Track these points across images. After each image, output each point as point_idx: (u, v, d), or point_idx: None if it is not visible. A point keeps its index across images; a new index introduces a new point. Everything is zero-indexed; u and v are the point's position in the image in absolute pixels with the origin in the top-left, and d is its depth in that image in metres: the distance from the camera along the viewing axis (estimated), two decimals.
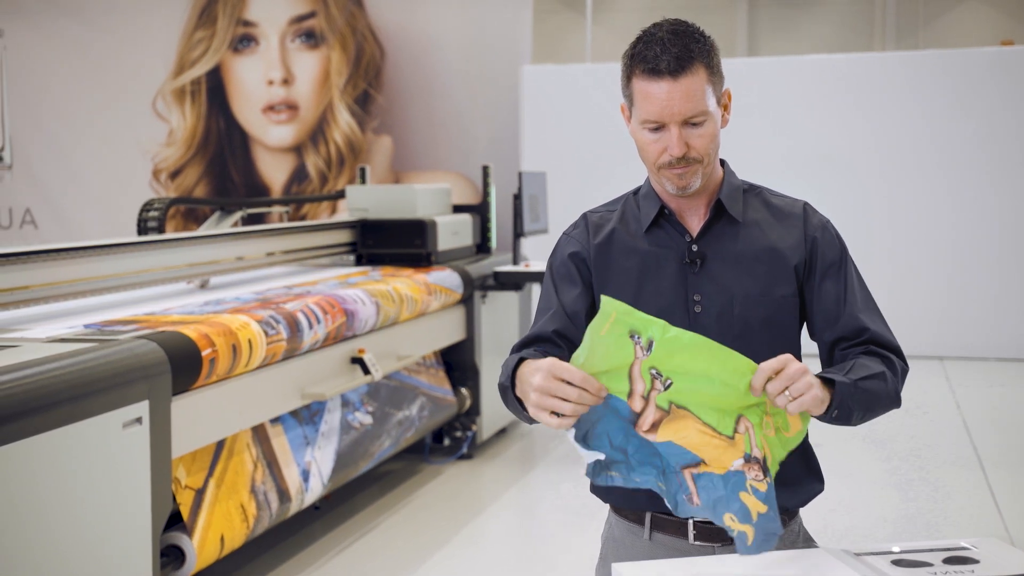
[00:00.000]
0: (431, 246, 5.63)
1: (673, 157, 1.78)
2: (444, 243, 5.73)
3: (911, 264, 8.80)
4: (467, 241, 6.12)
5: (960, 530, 4.61)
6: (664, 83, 1.75)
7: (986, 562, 1.60)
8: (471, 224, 6.20)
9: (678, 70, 1.75)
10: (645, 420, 1.64)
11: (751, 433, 1.64)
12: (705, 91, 1.77)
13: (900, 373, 1.83)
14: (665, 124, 1.77)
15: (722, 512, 1.64)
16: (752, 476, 1.63)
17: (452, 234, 5.86)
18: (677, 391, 1.62)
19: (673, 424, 1.63)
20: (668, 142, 1.78)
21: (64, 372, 2.79)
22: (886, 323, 1.89)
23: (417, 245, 5.63)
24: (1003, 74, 8.64)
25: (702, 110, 1.77)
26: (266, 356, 3.72)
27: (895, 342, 1.86)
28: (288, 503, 3.90)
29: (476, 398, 5.74)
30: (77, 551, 2.78)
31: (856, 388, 1.72)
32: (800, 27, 16.06)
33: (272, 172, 10.27)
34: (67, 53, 10.55)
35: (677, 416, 1.63)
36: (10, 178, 10.41)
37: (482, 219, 6.45)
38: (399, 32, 9.89)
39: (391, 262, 5.71)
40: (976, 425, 6.44)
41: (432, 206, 5.91)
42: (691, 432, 1.63)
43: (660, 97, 1.76)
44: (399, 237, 5.70)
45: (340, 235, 5.79)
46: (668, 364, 1.60)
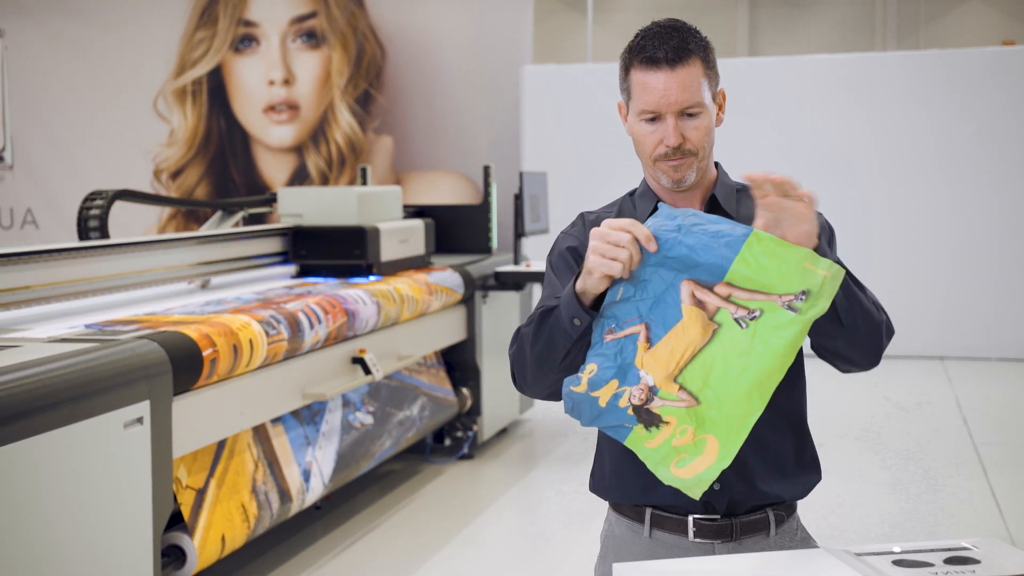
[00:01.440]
0: (372, 256, 5.05)
1: (669, 148, 1.81)
2: (389, 252, 5.18)
3: (912, 264, 8.80)
4: (418, 250, 5.55)
5: (961, 530, 4.61)
6: (662, 73, 1.79)
7: (987, 562, 1.60)
8: (422, 231, 5.62)
9: (675, 60, 1.79)
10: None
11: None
12: (701, 83, 1.81)
13: (886, 321, 1.84)
14: (661, 115, 1.81)
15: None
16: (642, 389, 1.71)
17: (399, 242, 5.30)
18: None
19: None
20: (664, 133, 1.81)
21: (65, 372, 2.79)
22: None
23: (356, 255, 5.04)
24: (1004, 74, 8.64)
25: (698, 101, 1.80)
26: (267, 356, 3.72)
27: (879, 302, 1.86)
28: (289, 503, 3.91)
29: (477, 398, 5.74)
30: (78, 551, 2.78)
31: (841, 265, 1.72)
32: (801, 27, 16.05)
33: (273, 172, 10.28)
34: (68, 53, 10.56)
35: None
36: (11, 178, 10.42)
37: (483, 219, 6.45)
38: (400, 32, 9.89)
39: (327, 273, 5.13)
40: (977, 425, 6.43)
41: (376, 211, 5.32)
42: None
43: (657, 87, 1.79)
44: (336, 246, 5.10)
45: (269, 244, 5.19)
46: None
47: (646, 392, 1.71)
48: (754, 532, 1.89)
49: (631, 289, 1.71)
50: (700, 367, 1.70)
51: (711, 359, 1.69)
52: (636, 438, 1.73)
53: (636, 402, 1.71)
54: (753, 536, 1.89)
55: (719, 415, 1.70)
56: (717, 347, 1.69)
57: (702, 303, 1.70)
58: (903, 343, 8.64)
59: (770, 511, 1.90)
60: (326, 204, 5.20)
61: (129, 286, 4.24)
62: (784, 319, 1.67)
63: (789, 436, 1.91)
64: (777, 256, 1.66)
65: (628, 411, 1.72)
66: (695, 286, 1.70)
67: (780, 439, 1.89)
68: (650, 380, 1.71)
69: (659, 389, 1.70)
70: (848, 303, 1.75)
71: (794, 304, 1.66)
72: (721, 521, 1.87)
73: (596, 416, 1.74)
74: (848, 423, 6.49)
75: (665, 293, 1.71)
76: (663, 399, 1.71)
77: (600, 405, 1.72)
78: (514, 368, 1.90)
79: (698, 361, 1.70)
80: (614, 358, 1.72)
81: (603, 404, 1.72)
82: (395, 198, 5.62)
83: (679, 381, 1.70)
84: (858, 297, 1.77)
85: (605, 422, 1.74)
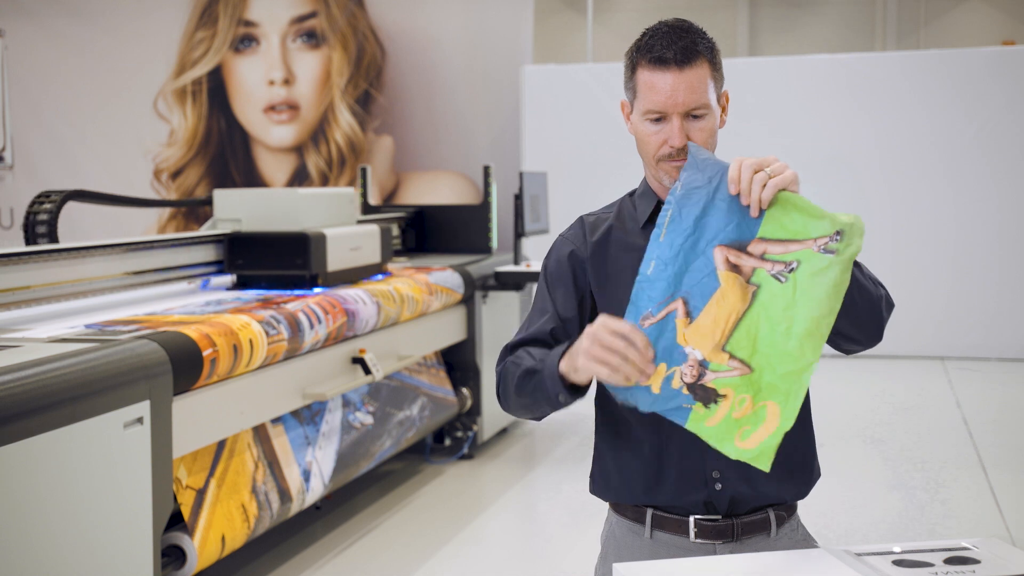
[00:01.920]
0: (316, 265, 4.53)
1: (673, 148, 1.80)
2: (337, 261, 4.67)
3: (912, 264, 8.80)
4: (372, 258, 5.06)
5: (961, 530, 4.61)
6: (670, 74, 1.79)
7: (987, 562, 1.60)
8: (377, 237, 5.11)
9: (684, 61, 1.79)
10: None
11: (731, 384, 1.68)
12: (708, 85, 1.81)
13: (885, 296, 1.83)
14: (667, 115, 1.80)
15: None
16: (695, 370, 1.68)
17: (350, 250, 4.80)
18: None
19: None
20: (669, 133, 1.80)
21: (65, 372, 2.79)
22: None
23: (297, 264, 4.51)
24: (1004, 74, 8.64)
25: (704, 103, 1.80)
26: (267, 356, 3.72)
27: (879, 282, 1.86)
28: (289, 503, 3.91)
29: (477, 398, 5.74)
30: (78, 551, 2.78)
31: None
32: (801, 27, 16.06)
33: (273, 172, 10.28)
34: (68, 53, 10.56)
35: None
36: (11, 178, 10.42)
37: (483, 219, 6.45)
38: (400, 32, 9.89)
39: (267, 284, 4.60)
40: (977, 425, 6.43)
41: (323, 215, 4.82)
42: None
43: (664, 88, 1.79)
44: (276, 254, 4.57)
45: (202, 252, 4.66)
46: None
47: (697, 368, 1.67)
48: (755, 532, 1.89)
49: (662, 265, 1.69)
50: (746, 332, 1.67)
51: (755, 322, 1.67)
52: (696, 419, 1.68)
53: (689, 380, 1.67)
54: (754, 536, 1.89)
55: (775, 377, 1.66)
56: (759, 308, 1.67)
57: (738, 267, 1.68)
58: (903, 343, 8.65)
59: (771, 511, 1.90)
60: (267, 208, 4.66)
61: (51, 298, 3.85)
62: (822, 263, 1.65)
63: (791, 438, 1.91)
64: (801, 208, 1.66)
65: (683, 391, 1.67)
66: (728, 251, 1.68)
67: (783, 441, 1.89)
68: (698, 354, 1.67)
69: (709, 362, 1.67)
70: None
71: (830, 246, 1.64)
72: (722, 521, 1.87)
73: (652, 402, 1.69)
74: (848, 423, 6.49)
75: (699, 263, 1.68)
76: (715, 371, 1.67)
77: (653, 392, 1.68)
78: (498, 389, 1.92)
79: (743, 327, 1.67)
80: (656, 342, 1.67)
81: (656, 391, 1.68)
82: (347, 201, 5.10)
83: (728, 350, 1.67)
84: (854, 274, 1.75)
85: (663, 406, 1.69)
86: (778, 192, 1.66)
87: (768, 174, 1.65)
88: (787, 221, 1.66)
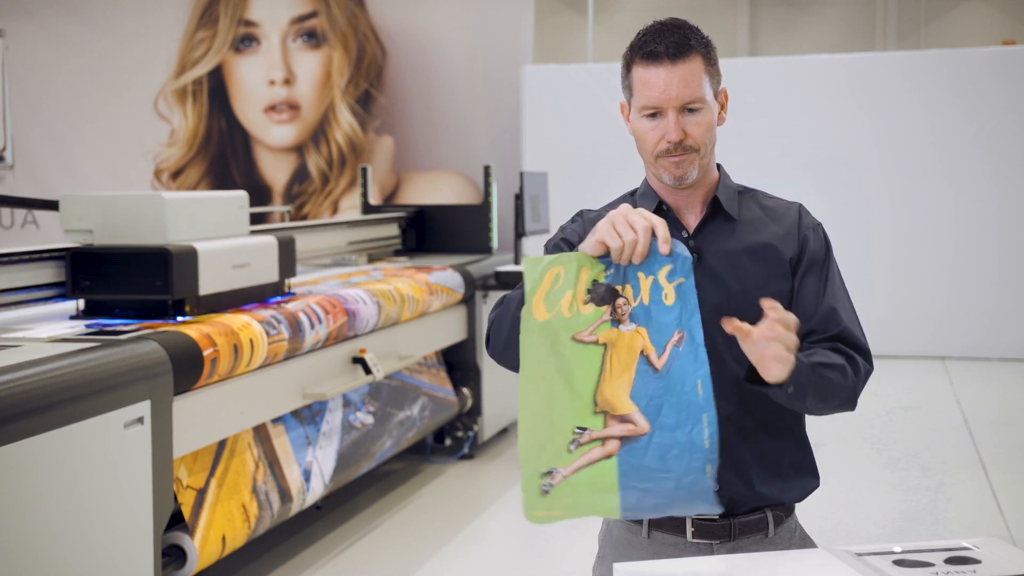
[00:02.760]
0: (181, 288, 3.58)
1: (670, 144, 1.81)
2: (212, 282, 3.75)
3: (913, 264, 8.80)
4: (267, 276, 4.11)
5: (962, 530, 4.60)
6: (663, 68, 1.80)
7: (988, 562, 1.60)
8: (274, 250, 4.17)
9: (676, 55, 1.80)
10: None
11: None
12: (702, 80, 1.81)
13: (862, 373, 1.84)
14: (663, 110, 1.81)
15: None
16: None
17: (232, 268, 3.87)
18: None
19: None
20: (666, 129, 1.81)
21: (66, 372, 2.79)
22: (860, 325, 1.90)
23: (157, 288, 3.55)
24: (1004, 74, 8.64)
25: (699, 96, 1.80)
26: (267, 356, 3.72)
27: (864, 343, 1.88)
28: (289, 503, 3.91)
29: (477, 398, 5.74)
30: (78, 551, 2.78)
31: (813, 371, 1.74)
32: (801, 27, 16.05)
33: (273, 172, 10.28)
34: (69, 53, 10.56)
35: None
36: (12, 178, 10.41)
37: (483, 219, 6.45)
38: (401, 32, 9.89)
39: (123, 312, 3.65)
40: (978, 425, 6.43)
41: (200, 225, 3.86)
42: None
43: (658, 83, 1.80)
44: (130, 274, 3.60)
45: (39, 272, 3.65)
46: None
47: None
48: (752, 532, 1.89)
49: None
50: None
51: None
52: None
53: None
54: (751, 536, 1.89)
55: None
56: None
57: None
58: (903, 343, 8.65)
59: (768, 512, 1.90)
60: (124, 216, 3.71)
61: None
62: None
63: (788, 442, 1.92)
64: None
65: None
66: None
67: (778, 445, 1.90)
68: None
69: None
70: (818, 398, 1.77)
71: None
72: (719, 521, 1.87)
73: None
74: (849, 423, 6.48)
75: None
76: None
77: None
78: (491, 331, 1.90)
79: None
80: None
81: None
82: (235, 206, 4.13)
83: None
84: (829, 386, 1.78)
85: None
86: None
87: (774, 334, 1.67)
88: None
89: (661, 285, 1.67)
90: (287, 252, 4.26)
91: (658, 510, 1.65)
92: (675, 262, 1.67)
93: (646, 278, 1.67)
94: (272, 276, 4.16)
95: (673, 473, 1.63)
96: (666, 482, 1.63)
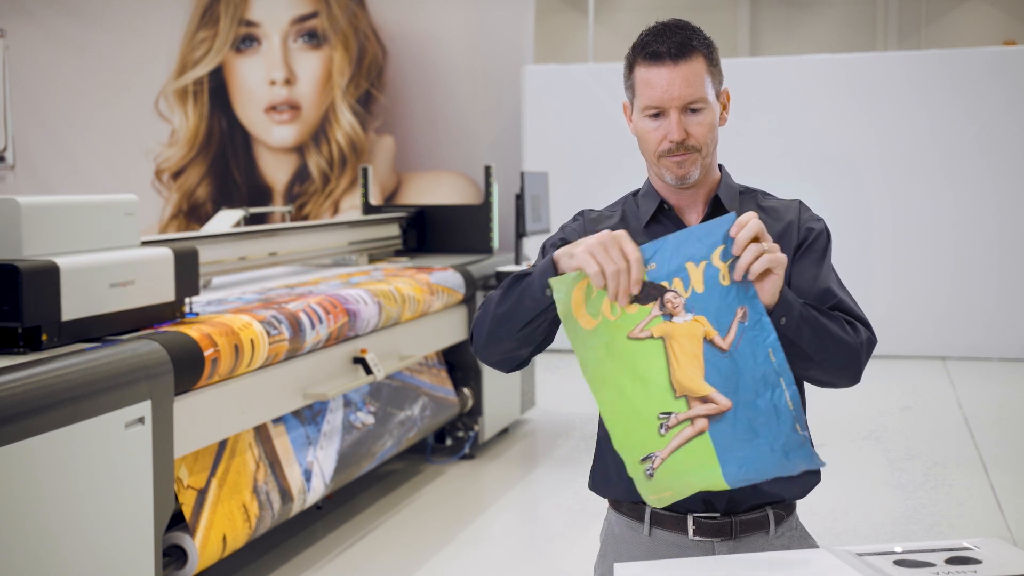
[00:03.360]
0: (35, 315, 2.96)
1: (672, 143, 1.82)
2: (80, 306, 3.12)
3: (913, 264, 8.80)
4: (158, 295, 3.47)
5: (962, 530, 4.60)
6: (665, 68, 1.81)
7: (989, 562, 1.60)
8: (170, 265, 3.52)
9: (678, 55, 1.80)
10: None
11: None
12: (704, 80, 1.82)
13: (864, 338, 1.82)
14: (665, 110, 1.82)
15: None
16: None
17: (109, 287, 3.24)
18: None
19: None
20: (668, 128, 1.82)
21: (66, 372, 2.79)
22: (858, 306, 1.88)
23: (4, 313, 2.93)
24: (1005, 74, 8.64)
25: (701, 96, 1.81)
26: (268, 356, 3.72)
27: (864, 316, 1.86)
28: (290, 503, 3.91)
29: (478, 398, 5.74)
30: (79, 551, 2.78)
31: (805, 310, 1.73)
32: (802, 27, 16.05)
33: (274, 172, 10.28)
34: (70, 53, 10.56)
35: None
36: (13, 178, 10.42)
37: (484, 219, 6.45)
38: (401, 32, 9.90)
39: None
40: (978, 425, 6.43)
41: (65, 236, 3.22)
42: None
43: (660, 83, 1.81)
44: None
45: None
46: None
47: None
48: (753, 531, 1.89)
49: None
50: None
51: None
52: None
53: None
54: (752, 535, 1.89)
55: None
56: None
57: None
58: (904, 343, 8.65)
59: (770, 510, 1.90)
60: None
61: None
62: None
63: None
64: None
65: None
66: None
67: None
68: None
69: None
70: (817, 340, 1.75)
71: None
72: (721, 519, 1.88)
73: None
74: (850, 423, 6.48)
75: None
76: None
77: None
78: (473, 328, 1.89)
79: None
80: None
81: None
82: (120, 213, 3.48)
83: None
84: (828, 331, 1.76)
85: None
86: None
87: (765, 249, 1.65)
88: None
89: (716, 267, 1.66)
90: (187, 267, 3.61)
91: (763, 474, 1.67)
92: (726, 242, 1.66)
93: (696, 266, 1.67)
94: (166, 296, 3.52)
95: (765, 438, 1.66)
96: (761, 447, 1.66)
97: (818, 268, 1.88)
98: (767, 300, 1.68)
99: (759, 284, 1.67)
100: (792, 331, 1.72)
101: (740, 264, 1.65)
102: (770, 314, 1.69)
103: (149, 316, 3.46)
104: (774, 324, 1.69)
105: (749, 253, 1.64)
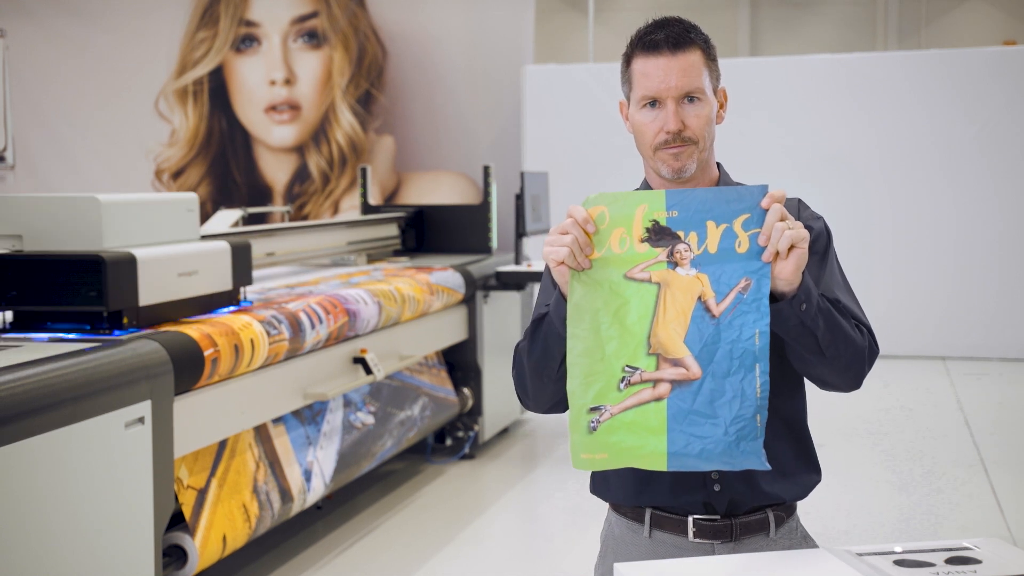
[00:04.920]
0: (119, 299, 3.31)
1: (669, 134, 1.80)
2: (155, 292, 3.49)
3: (913, 264, 8.80)
4: (217, 284, 3.84)
5: (962, 530, 4.61)
6: (662, 58, 1.80)
7: (988, 562, 1.60)
8: (227, 257, 3.88)
9: (676, 45, 1.81)
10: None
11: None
12: (702, 72, 1.82)
13: (868, 345, 1.81)
14: (662, 100, 1.81)
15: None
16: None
17: (178, 276, 3.61)
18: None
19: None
20: (665, 119, 1.81)
21: (66, 372, 2.79)
22: (861, 308, 1.88)
23: (91, 298, 3.29)
24: (1005, 74, 8.64)
25: (698, 87, 1.81)
26: (268, 356, 3.72)
27: (868, 324, 1.86)
28: (290, 503, 3.91)
29: (478, 398, 5.74)
30: (79, 551, 2.78)
31: (823, 301, 1.73)
32: (802, 27, 16.05)
33: (274, 172, 10.28)
34: (69, 53, 10.56)
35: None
36: (13, 178, 10.42)
37: (484, 219, 6.45)
38: (401, 32, 9.89)
39: (55, 325, 3.38)
40: (978, 425, 6.43)
41: (138, 230, 3.56)
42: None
43: (658, 73, 1.80)
44: (62, 283, 3.33)
45: None
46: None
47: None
48: (754, 532, 1.89)
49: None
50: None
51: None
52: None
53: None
54: (753, 536, 1.89)
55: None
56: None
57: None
58: (904, 343, 8.64)
59: (770, 511, 1.90)
60: (57, 220, 3.44)
61: None
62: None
63: (790, 440, 1.91)
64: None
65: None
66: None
67: (781, 443, 1.89)
68: None
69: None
70: (831, 334, 1.74)
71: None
72: (721, 521, 1.87)
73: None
74: (850, 423, 6.48)
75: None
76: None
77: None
78: (516, 385, 1.90)
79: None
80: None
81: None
82: (183, 210, 3.83)
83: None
84: (841, 326, 1.75)
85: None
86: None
87: (790, 226, 1.64)
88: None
89: (736, 232, 1.65)
90: (242, 258, 3.97)
91: (704, 459, 1.63)
92: (752, 212, 1.65)
93: (717, 227, 1.65)
94: (224, 284, 3.88)
95: (722, 419, 1.62)
96: (715, 429, 1.62)
97: (820, 270, 1.87)
98: (790, 276, 1.65)
99: (782, 262, 1.64)
100: (811, 319, 1.70)
101: (771, 237, 1.63)
102: (792, 298, 1.67)
103: (210, 303, 3.81)
104: (794, 310, 1.68)
105: (779, 226, 1.63)
